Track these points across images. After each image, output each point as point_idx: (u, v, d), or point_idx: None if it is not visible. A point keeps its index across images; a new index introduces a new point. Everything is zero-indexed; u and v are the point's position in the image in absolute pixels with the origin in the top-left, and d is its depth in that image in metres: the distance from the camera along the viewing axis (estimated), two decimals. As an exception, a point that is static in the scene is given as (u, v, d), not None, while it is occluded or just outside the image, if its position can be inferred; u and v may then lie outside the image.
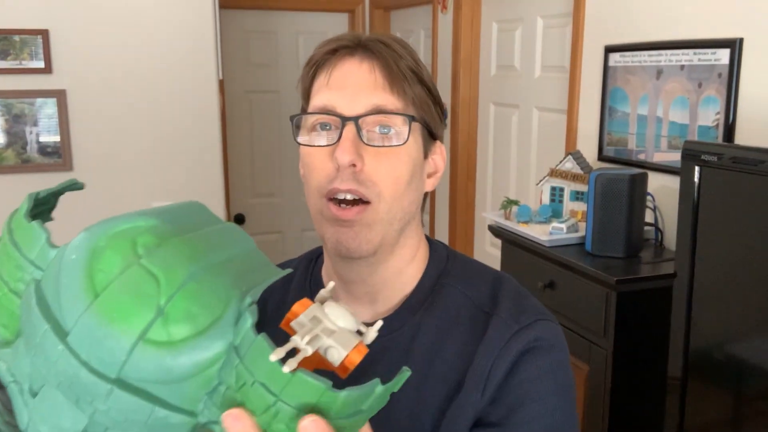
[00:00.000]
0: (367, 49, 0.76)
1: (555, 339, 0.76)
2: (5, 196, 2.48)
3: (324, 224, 0.75)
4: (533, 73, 2.48)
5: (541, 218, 2.00)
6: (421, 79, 0.77)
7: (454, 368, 0.75)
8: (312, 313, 0.51)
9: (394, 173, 0.74)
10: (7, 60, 2.39)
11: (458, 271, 0.83)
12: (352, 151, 0.71)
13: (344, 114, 0.73)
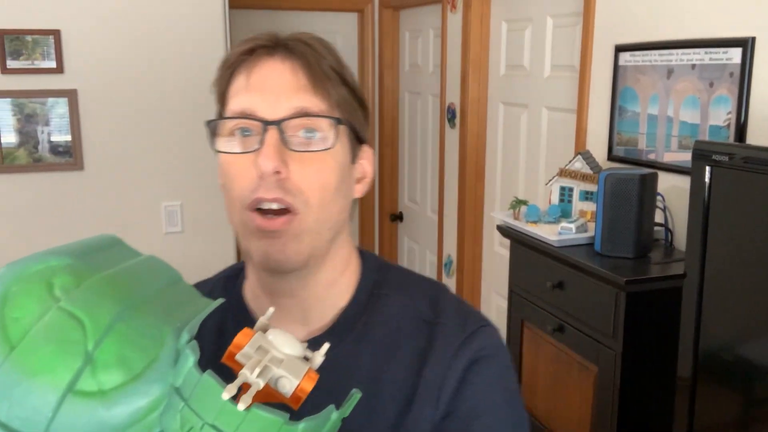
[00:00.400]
0: (287, 48, 0.71)
1: (500, 344, 0.76)
2: (17, 194, 2.49)
3: (249, 237, 0.70)
4: (543, 72, 2.48)
5: (550, 218, 1.99)
6: (345, 80, 0.73)
7: (403, 383, 0.72)
8: (257, 343, 0.47)
9: (322, 180, 0.69)
10: (19, 60, 2.41)
11: (394, 281, 0.80)
12: (275, 157, 0.66)
13: (266, 118, 0.68)
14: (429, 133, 3.39)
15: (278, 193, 0.67)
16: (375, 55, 3.76)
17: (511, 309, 2.10)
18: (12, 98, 2.43)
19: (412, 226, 3.72)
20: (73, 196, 2.54)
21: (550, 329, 1.88)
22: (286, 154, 0.67)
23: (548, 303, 1.89)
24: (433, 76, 3.25)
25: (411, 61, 3.58)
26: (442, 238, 3.17)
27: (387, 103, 3.76)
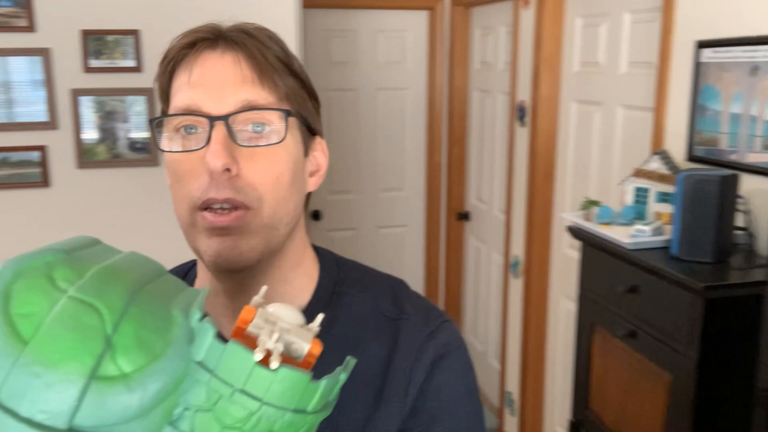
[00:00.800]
0: (229, 40, 0.69)
1: (461, 339, 0.76)
2: (97, 188, 2.59)
3: (198, 236, 0.67)
4: (618, 69, 2.41)
5: (623, 220, 1.93)
6: (293, 70, 0.70)
7: (369, 379, 0.70)
8: (263, 316, 0.47)
9: (274, 174, 0.67)
10: (100, 59, 2.51)
11: (354, 279, 0.78)
12: (224, 154, 0.63)
13: (211, 113, 0.65)
14: (498, 132, 3.35)
15: (229, 192, 0.64)
16: (444, 53, 3.74)
17: (581, 313, 2.05)
18: (93, 96, 2.53)
19: (478, 226, 3.69)
20: (148, 191, 2.62)
21: (622, 334, 1.82)
22: (236, 150, 0.65)
23: (620, 307, 1.84)
24: (504, 74, 3.21)
25: (481, 58, 3.55)
26: (510, 239, 3.13)
27: (456, 101, 3.74)
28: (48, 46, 2.46)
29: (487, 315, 3.64)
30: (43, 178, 2.53)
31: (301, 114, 0.71)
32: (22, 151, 2.50)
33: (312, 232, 3.66)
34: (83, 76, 2.51)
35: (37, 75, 2.47)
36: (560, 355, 2.85)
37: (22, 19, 2.41)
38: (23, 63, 2.46)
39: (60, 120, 2.52)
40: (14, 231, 2.56)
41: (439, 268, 4.03)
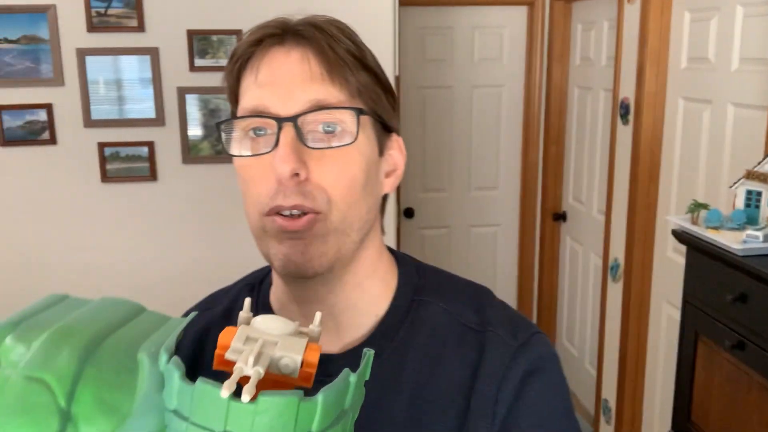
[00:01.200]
0: (297, 35, 0.65)
1: (553, 353, 0.69)
2: (201, 183, 2.70)
3: (268, 241, 0.64)
4: (730, 65, 2.28)
5: (733, 224, 1.83)
6: (365, 64, 0.66)
7: (452, 397, 0.66)
8: (243, 336, 0.42)
9: (347, 176, 0.63)
10: (205, 58, 2.60)
11: (434, 286, 0.73)
12: (292, 158, 0.60)
13: (279, 114, 0.62)
14: (599, 130, 3.25)
15: (297, 199, 0.61)
16: (543, 49, 3.66)
17: (685, 320, 1.95)
18: (198, 94, 2.63)
19: (575, 227, 3.59)
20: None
21: (729, 345, 1.72)
22: (305, 152, 0.61)
23: (728, 317, 1.74)
24: (606, 70, 3.11)
25: (582, 54, 3.45)
26: (609, 241, 3.03)
27: (554, 98, 3.65)
28: (156, 45, 2.58)
29: (583, 319, 3.53)
30: (151, 173, 2.65)
31: (375, 111, 0.67)
32: (132, 146, 2.63)
33: (404, 230, 3.67)
34: (189, 75, 2.61)
35: (146, 73, 2.59)
36: (661, 364, 2.73)
37: (132, 19, 2.54)
38: (133, 62, 2.59)
39: (167, 117, 2.64)
40: (124, 222, 2.70)
41: (533, 270, 3.95)
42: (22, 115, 2.56)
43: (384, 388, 0.67)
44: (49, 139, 2.59)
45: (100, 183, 2.64)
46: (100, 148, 2.62)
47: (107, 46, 2.56)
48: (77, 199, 2.65)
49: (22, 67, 2.53)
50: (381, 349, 0.68)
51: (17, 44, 2.51)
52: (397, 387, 0.67)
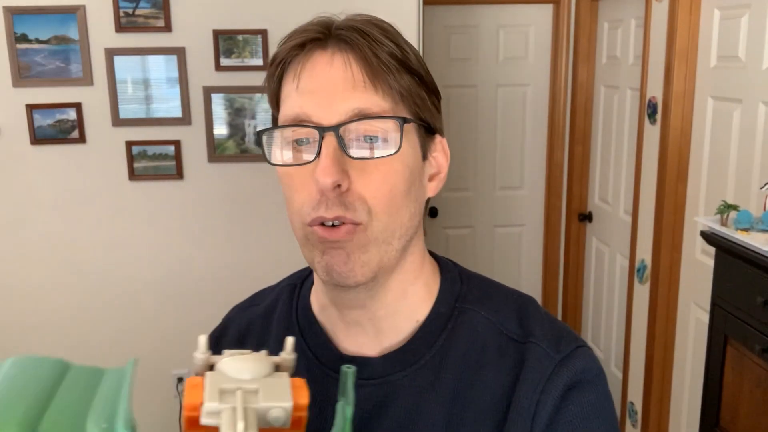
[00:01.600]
0: (339, 39, 0.63)
1: (598, 368, 0.66)
2: (226, 181, 2.72)
3: (312, 249, 0.64)
4: (761, 64, 2.23)
5: (764, 226, 1.79)
6: (409, 66, 0.64)
7: (489, 407, 0.65)
8: (214, 390, 0.37)
9: (388, 187, 0.62)
10: (231, 58, 2.62)
11: (477, 294, 0.72)
12: (334, 170, 0.59)
13: (321, 123, 0.61)
14: (625, 129, 3.21)
15: (339, 210, 0.61)
16: (569, 48, 3.63)
17: (714, 323, 1.92)
18: (224, 93, 2.65)
19: (602, 227, 3.55)
20: (274, 185, 2.72)
21: (759, 349, 1.69)
22: (347, 162, 0.61)
23: (758, 320, 1.71)
24: (633, 69, 3.07)
25: (609, 53, 3.41)
26: (636, 242, 2.99)
27: (580, 97, 3.61)
28: (183, 45, 2.60)
29: (608, 321, 3.50)
30: (177, 171, 2.67)
31: (419, 115, 0.66)
32: (159, 145, 2.66)
33: (428, 230, 3.66)
34: (215, 75, 2.63)
35: (173, 73, 2.61)
36: (689, 367, 2.70)
37: (159, 20, 2.56)
38: (160, 61, 2.61)
39: (193, 116, 2.66)
40: (151, 220, 2.73)
41: (558, 271, 3.91)
42: (52, 114, 2.60)
43: (422, 394, 0.66)
44: (78, 137, 2.62)
45: (127, 181, 2.67)
46: (127, 146, 2.65)
47: (135, 46, 2.58)
48: (105, 196, 2.69)
49: (53, 67, 2.57)
50: (420, 355, 0.68)
51: (48, 44, 2.55)
52: (436, 393, 0.66)
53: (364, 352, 0.70)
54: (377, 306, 0.69)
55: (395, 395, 0.67)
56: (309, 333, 0.73)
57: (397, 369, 0.68)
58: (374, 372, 0.69)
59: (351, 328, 0.71)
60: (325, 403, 0.68)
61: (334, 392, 0.69)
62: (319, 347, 0.72)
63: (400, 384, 0.67)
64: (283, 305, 0.77)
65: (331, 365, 0.70)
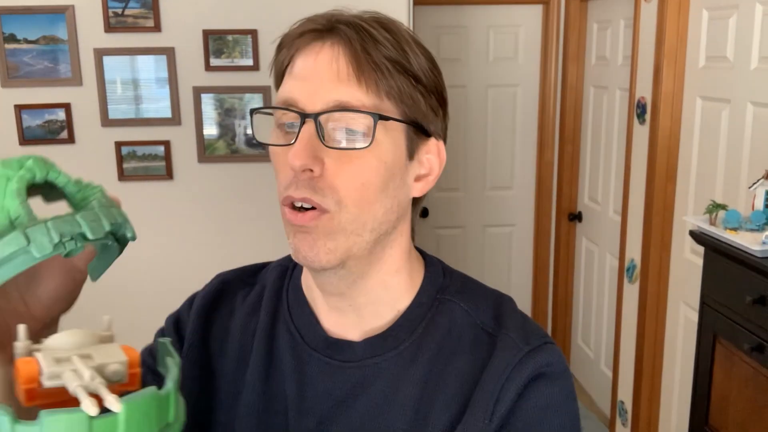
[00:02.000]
0: (336, 33, 0.65)
1: (564, 365, 0.69)
2: (216, 182, 2.71)
3: (287, 231, 0.67)
4: (749, 64, 2.25)
5: (752, 225, 1.81)
6: (405, 68, 0.66)
7: (457, 392, 0.68)
8: (49, 359, 0.39)
9: (360, 179, 0.64)
10: (221, 58, 2.61)
11: (458, 287, 0.75)
12: (304, 154, 0.62)
13: (305, 109, 0.64)
14: (615, 129, 3.22)
15: (307, 192, 0.63)
16: (559, 48, 3.64)
17: (703, 322, 1.93)
18: (214, 93, 2.64)
19: (591, 227, 3.57)
20: (264, 185, 2.71)
21: (748, 348, 1.70)
22: (322, 150, 0.63)
23: (746, 319, 1.72)
24: (623, 69, 3.08)
25: (598, 53, 3.42)
26: (625, 241, 3.00)
27: (569, 97, 3.63)
28: (172, 45, 2.59)
29: (598, 320, 3.51)
30: (167, 172, 2.66)
31: (408, 115, 0.67)
32: (148, 145, 2.65)
33: (418, 230, 3.66)
34: (204, 75, 2.62)
35: (162, 73, 2.60)
36: (678, 366, 2.71)
37: (148, 19, 2.55)
38: (150, 62, 2.60)
39: (183, 116, 2.65)
40: (141, 221, 2.71)
41: (548, 270, 3.93)
42: (41, 114, 2.59)
43: (398, 379, 0.70)
44: (67, 138, 2.61)
45: (117, 181, 2.66)
46: (117, 147, 2.64)
47: (124, 46, 2.57)
48: (94, 198, 2.67)
49: (41, 67, 2.55)
50: (400, 341, 0.71)
51: (36, 44, 2.53)
52: (410, 378, 0.69)
53: (347, 335, 0.73)
54: (357, 294, 0.71)
55: (373, 378, 0.70)
56: (297, 312, 0.76)
57: (377, 353, 0.71)
58: (354, 355, 0.72)
59: (333, 312, 0.73)
60: (305, 382, 0.72)
61: (317, 371, 0.71)
62: (305, 327, 0.75)
63: (378, 368, 0.71)
64: (273, 284, 0.79)
65: (315, 345, 0.73)
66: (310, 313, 0.75)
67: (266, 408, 0.73)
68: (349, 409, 0.70)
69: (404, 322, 0.72)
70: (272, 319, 0.76)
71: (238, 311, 0.79)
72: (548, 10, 3.62)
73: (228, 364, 0.77)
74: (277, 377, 0.73)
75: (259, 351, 0.75)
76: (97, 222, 0.44)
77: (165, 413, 0.40)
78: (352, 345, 0.72)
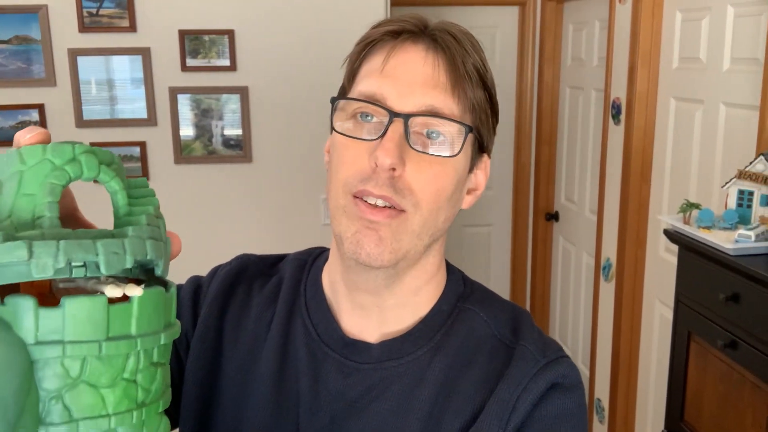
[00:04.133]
0: (433, 39, 0.67)
1: (578, 378, 0.71)
2: (193, 183, 2.69)
3: (345, 221, 0.65)
4: (721, 65, 2.29)
5: (725, 224, 1.84)
6: (485, 82, 0.68)
7: (469, 400, 0.69)
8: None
9: (437, 185, 0.65)
10: (197, 58, 2.59)
11: (478, 297, 0.77)
12: (395, 153, 0.62)
13: (394, 108, 0.63)
14: (590, 130, 3.26)
15: (387, 191, 0.63)
16: (535, 50, 3.67)
17: (677, 320, 1.96)
18: (190, 94, 2.62)
19: (568, 226, 3.60)
20: (241, 187, 2.70)
21: (721, 345, 1.73)
22: (406, 150, 0.63)
23: (720, 316, 1.74)
24: (598, 70, 3.12)
25: (574, 54, 3.46)
26: (601, 241, 3.04)
27: (546, 98, 3.66)
28: (148, 45, 2.57)
29: (575, 318, 3.54)
30: (143, 173, 2.64)
31: (479, 130, 0.69)
32: (124, 146, 2.62)
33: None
34: (181, 75, 2.60)
35: (138, 74, 2.58)
36: (654, 363, 2.74)
37: (124, 19, 2.53)
38: (125, 62, 2.58)
39: (159, 117, 2.63)
40: (115, 223, 2.68)
41: (526, 269, 3.96)
42: (14, 115, 2.55)
43: (414, 384, 0.70)
44: (40, 139, 2.57)
45: (92, 183, 2.63)
46: (91, 148, 2.60)
47: (99, 46, 2.55)
48: (69, 199, 2.64)
49: (14, 68, 2.52)
50: (418, 346, 0.71)
51: (9, 44, 2.50)
52: (425, 383, 0.70)
53: (364, 336, 0.73)
54: (389, 295, 0.71)
55: (389, 382, 0.70)
56: (314, 308, 0.75)
57: (394, 357, 0.71)
58: (371, 357, 0.72)
59: (356, 311, 0.73)
60: (319, 379, 0.71)
61: (331, 370, 0.71)
62: (322, 324, 0.74)
63: (395, 371, 0.70)
64: (292, 277, 0.79)
65: (331, 343, 0.73)
66: (327, 310, 0.75)
67: (278, 402, 0.72)
68: (362, 411, 0.70)
69: (424, 328, 0.72)
70: (289, 312, 0.76)
71: (255, 299, 0.78)
72: (524, 12, 3.65)
73: (239, 351, 0.76)
74: (291, 372, 0.73)
75: (274, 344, 0.74)
76: (119, 255, 0.39)
77: (169, 312, 0.42)
78: (369, 346, 0.72)
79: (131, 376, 0.38)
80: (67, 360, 0.37)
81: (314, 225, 2.72)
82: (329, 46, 2.59)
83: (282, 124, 2.68)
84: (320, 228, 2.72)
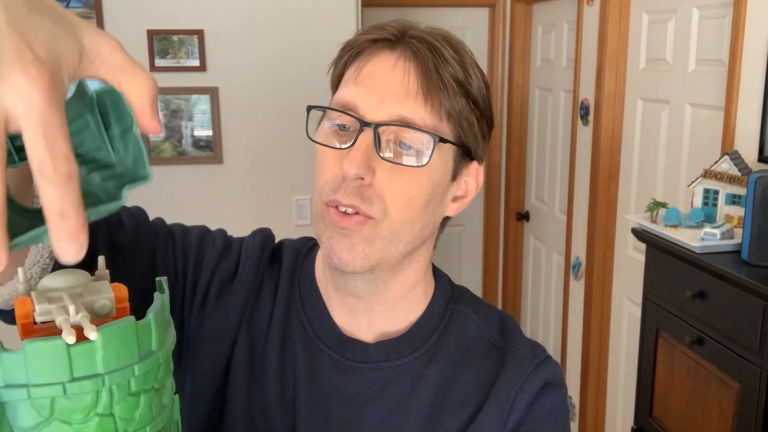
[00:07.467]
0: (408, 47, 0.65)
1: (562, 376, 0.76)
2: (162, 185, 2.66)
3: (322, 227, 0.67)
4: (687, 67, 2.33)
5: (691, 222, 1.87)
6: (467, 91, 0.67)
7: (466, 400, 0.71)
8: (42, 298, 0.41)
9: (407, 194, 0.65)
10: (166, 59, 2.57)
11: (467, 299, 0.79)
12: (360, 163, 0.62)
13: (364, 117, 0.63)
14: (560, 130, 3.29)
15: (355, 200, 0.63)
16: (505, 51, 3.70)
17: (645, 317, 1.99)
18: (159, 95, 2.59)
19: (538, 226, 3.63)
20: (212, 188, 2.68)
21: (688, 341, 1.76)
22: (376, 159, 0.63)
23: (687, 313, 1.78)
24: (566, 71, 3.15)
25: (543, 56, 3.49)
26: (571, 240, 3.07)
27: (516, 99, 3.69)
28: (117, 46, 2.53)
29: (546, 316, 3.58)
30: (110, 175, 2.60)
31: (461, 138, 0.68)
32: (92, 148, 2.58)
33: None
34: (150, 76, 2.57)
35: (107, 74, 2.54)
36: (623, 360, 2.78)
37: (91, 19, 2.49)
38: (93, 63, 2.54)
39: (127, 118, 2.59)
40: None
41: (498, 269, 3.98)
42: (-24, 116, 2.50)
43: (412, 385, 0.71)
44: (5, 141, 2.52)
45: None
46: (58, 150, 2.56)
47: (65, 46, 2.50)
48: (35, 202, 2.59)
49: (-23, 68, 2.47)
50: (414, 348, 0.73)
51: (-29, 44, 2.45)
52: (423, 383, 0.71)
53: (359, 335, 0.74)
54: (376, 302, 0.72)
55: (386, 382, 0.71)
56: (309, 303, 0.75)
57: (391, 358, 0.72)
58: (368, 356, 0.72)
59: (346, 312, 0.74)
60: (315, 376, 0.72)
61: (327, 367, 0.71)
62: (317, 320, 0.74)
63: (391, 372, 0.72)
64: (289, 269, 0.78)
65: (326, 341, 0.73)
66: (323, 306, 0.75)
67: (279, 396, 0.72)
68: (360, 409, 0.71)
69: (418, 330, 0.74)
70: (286, 306, 0.76)
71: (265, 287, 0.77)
72: (494, 13, 3.67)
73: (250, 338, 0.75)
74: (289, 367, 0.73)
75: (275, 338, 0.74)
76: None
77: (147, 341, 0.41)
78: (365, 346, 0.73)
79: (106, 411, 0.38)
80: (36, 402, 0.37)
81: (287, 226, 2.71)
82: (299, 46, 2.58)
83: (253, 124, 2.66)
84: (293, 229, 2.71)
